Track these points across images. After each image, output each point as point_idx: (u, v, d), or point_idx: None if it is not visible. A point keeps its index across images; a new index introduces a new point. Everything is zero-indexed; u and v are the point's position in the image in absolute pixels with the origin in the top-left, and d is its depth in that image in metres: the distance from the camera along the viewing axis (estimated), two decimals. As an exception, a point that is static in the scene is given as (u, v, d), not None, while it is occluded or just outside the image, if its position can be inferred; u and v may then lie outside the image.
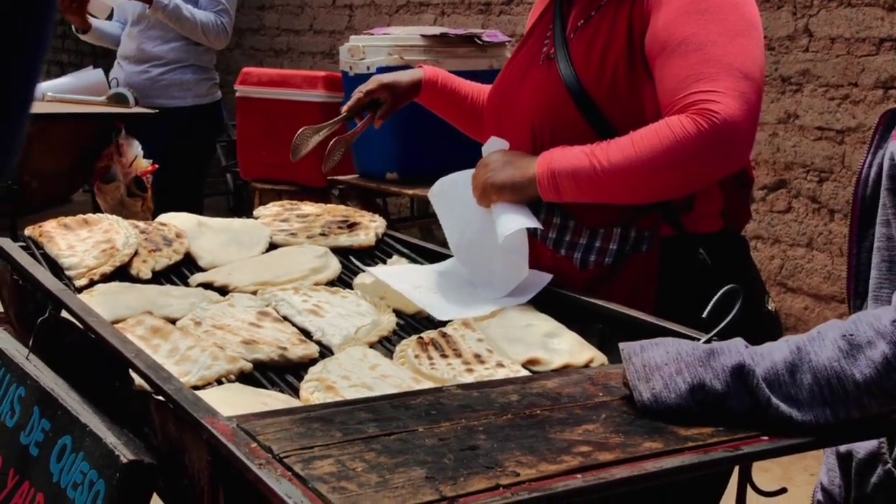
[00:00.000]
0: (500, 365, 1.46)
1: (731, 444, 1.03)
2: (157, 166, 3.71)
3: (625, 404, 1.14)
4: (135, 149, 3.61)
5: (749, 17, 1.66)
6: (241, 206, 6.25)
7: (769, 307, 1.86)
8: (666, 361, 1.12)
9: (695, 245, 1.74)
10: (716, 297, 1.39)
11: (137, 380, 1.25)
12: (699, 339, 1.36)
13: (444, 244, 2.09)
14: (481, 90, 2.11)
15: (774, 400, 1.07)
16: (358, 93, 2.04)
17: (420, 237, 5.16)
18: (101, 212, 2.37)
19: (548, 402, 1.14)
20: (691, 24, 1.62)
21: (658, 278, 1.72)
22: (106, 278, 1.76)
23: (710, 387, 1.08)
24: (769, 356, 1.11)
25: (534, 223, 1.71)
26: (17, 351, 1.49)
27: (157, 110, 4.01)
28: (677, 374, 1.10)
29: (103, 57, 6.62)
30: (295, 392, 1.40)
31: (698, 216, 1.74)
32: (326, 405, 1.12)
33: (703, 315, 1.37)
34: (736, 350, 1.11)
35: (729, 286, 1.39)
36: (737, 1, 1.65)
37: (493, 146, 1.80)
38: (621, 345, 1.21)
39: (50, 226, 1.91)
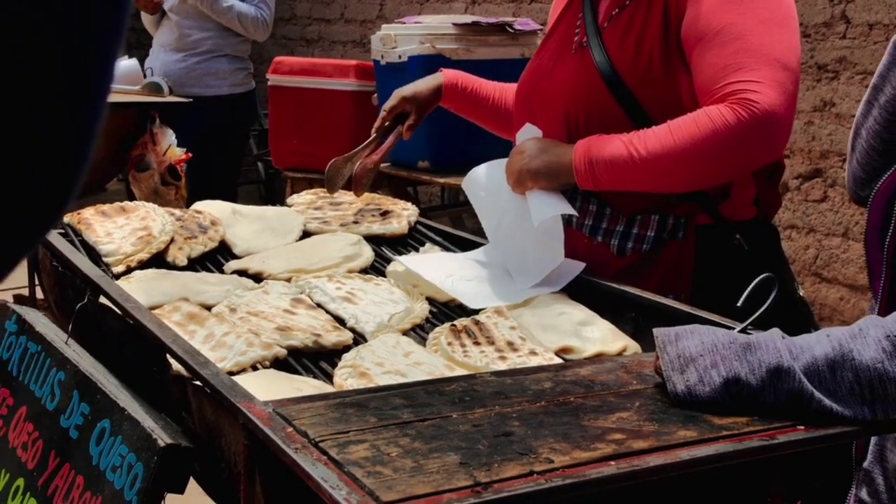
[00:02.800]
0: (533, 353, 1.46)
1: (767, 433, 1.03)
2: (190, 155, 3.74)
3: (658, 392, 1.14)
4: (169, 137, 3.63)
5: (786, 6, 1.66)
6: (272, 195, 6.28)
7: (800, 293, 1.87)
8: (701, 352, 1.12)
9: (731, 232, 1.74)
10: (751, 286, 1.38)
11: (175, 365, 1.26)
12: (734, 328, 1.36)
13: (476, 232, 2.10)
14: (504, 89, 2.12)
15: (818, 394, 1.06)
16: (383, 112, 2.06)
17: (451, 225, 5.16)
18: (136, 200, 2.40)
19: (581, 390, 1.14)
20: (729, 13, 1.62)
21: (694, 265, 1.72)
22: (143, 265, 1.78)
23: (746, 381, 1.08)
24: (809, 350, 1.10)
25: (569, 210, 1.71)
26: (57, 336, 1.52)
27: (191, 99, 4.04)
28: (712, 366, 1.09)
29: (136, 47, 6.67)
30: (329, 378, 1.41)
31: (734, 204, 1.75)
32: (361, 391, 1.13)
33: (738, 304, 1.37)
34: (773, 345, 1.10)
35: (764, 275, 1.39)
36: None
37: (527, 133, 1.80)
38: (655, 331, 1.20)
39: (88, 213, 1.93)
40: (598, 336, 1.53)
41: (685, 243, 1.72)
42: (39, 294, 1.87)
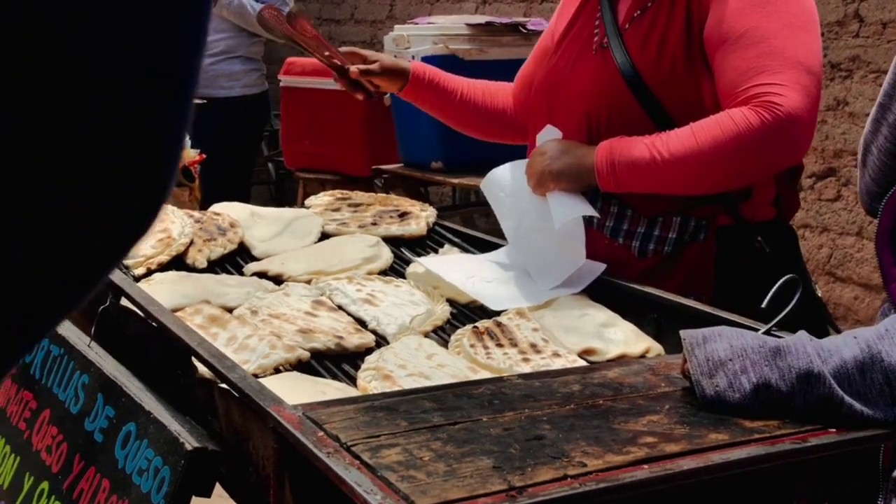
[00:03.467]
0: (557, 355, 1.46)
1: (799, 436, 1.03)
2: (204, 156, 3.74)
3: (687, 395, 1.13)
4: (183, 139, 3.63)
5: (809, 9, 1.66)
6: (283, 196, 6.28)
7: (818, 294, 1.87)
8: (730, 356, 1.11)
9: (751, 233, 1.74)
10: (775, 287, 1.38)
11: (201, 368, 1.26)
12: (758, 330, 1.35)
13: (491, 233, 2.10)
14: (472, 85, 2.11)
15: (847, 399, 1.06)
16: (347, 48, 2.07)
17: (462, 226, 5.16)
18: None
19: (610, 393, 1.14)
20: (753, 15, 1.62)
21: (715, 266, 1.72)
22: (163, 267, 1.78)
23: (776, 388, 1.07)
24: (837, 353, 1.09)
25: (590, 211, 1.71)
26: (80, 339, 1.52)
27: (205, 100, 4.05)
28: (742, 372, 1.09)
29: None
30: (352, 381, 1.40)
31: (755, 205, 1.75)
32: (390, 394, 1.12)
33: (763, 305, 1.37)
34: (803, 349, 1.10)
35: (788, 276, 1.39)
36: None
37: (548, 135, 1.80)
38: (683, 333, 1.20)
39: (107, 215, 1.93)
40: (620, 337, 1.53)
41: (706, 245, 1.72)
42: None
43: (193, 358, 1.27)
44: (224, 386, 1.19)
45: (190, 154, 3.53)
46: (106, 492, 1.28)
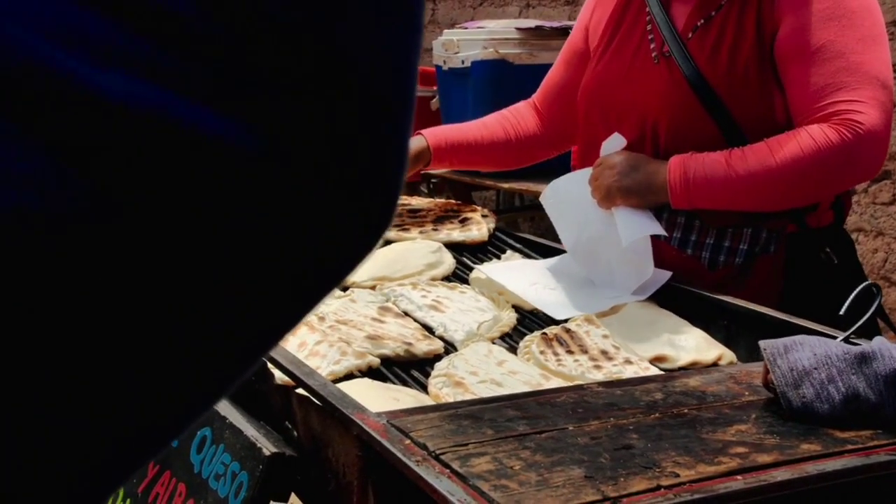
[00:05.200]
0: (629, 361, 1.45)
1: (894, 447, 1.00)
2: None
3: (773, 404, 1.12)
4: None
5: (879, 21, 1.65)
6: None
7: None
8: (815, 365, 1.09)
9: (816, 241, 1.73)
10: (854, 294, 1.36)
11: (277, 374, 1.26)
12: (835, 337, 1.33)
13: (544, 238, 2.08)
14: (484, 124, 2.06)
15: None
16: None
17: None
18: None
19: (694, 401, 1.12)
20: (828, 30, 1.61)
21: (784, 276, 1.70)
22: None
23: (865, 397, 1.05)
24: None
25: (659, 230, 1.69)
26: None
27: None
28: (829, 382, 1.07)
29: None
30: (422, 387, 1.40)
31: (819, 211, 1.73)
32: (472, 402, 1.12)
33: (841, 312, 1.35)
34: (889, 354, 1.08)
35: (866, 283, 1.37)
36: (868, 5, 1.65)
37: (613, 145, 1.77)
38: (762, 343, 1.18)
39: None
40: (692, 344, 1.51)
41: (776, 256, 1.71)
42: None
43: (269, 364, 1.27)
44: (302, 392, 1.19)
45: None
46: (182, 496, 1.29)
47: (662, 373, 1.36)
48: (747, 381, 1.19)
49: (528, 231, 5.23)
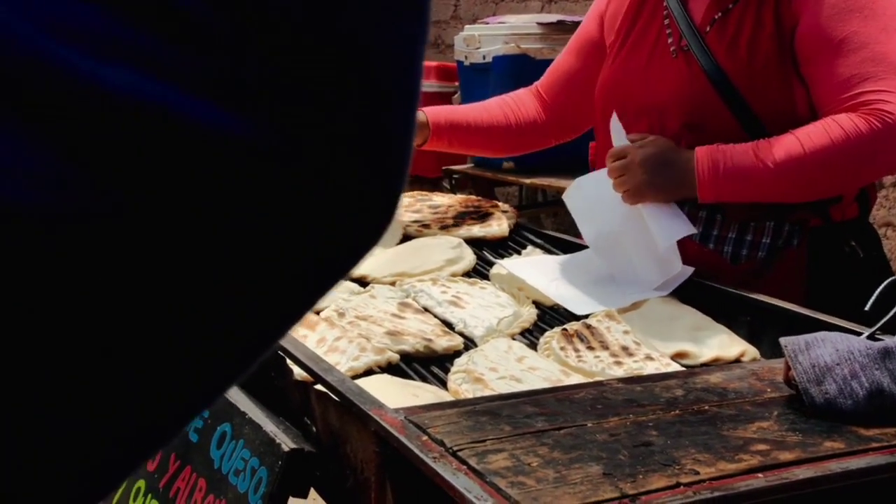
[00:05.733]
0: (650, 357, 1.43)
1: (919, 445, 0.99)
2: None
3: (795, 401, 1.10)
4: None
5: None
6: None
7: None
8: (837, 361, 1.08)
9: (841, 234, 1.71)
10: (879, 290, 1.34)
11: (296, 370, 1.26)
12: (859, 334, 1.32)
13: (566, 234, 2.07)
14: (485, 107, 2.04)
15: None
16: None
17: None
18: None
19: (715, 398, 1.11)
20: (851, 21, 1.60)
21: (808, 270, 1.68)
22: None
23: (890, 392, 1.04)
24: None
25: (691, 229, 1.66)
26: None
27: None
28: (852, 377, 1.05)
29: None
30: (442, 383, 1.40)
31: (843, 204, 1.72)
32: (490, 398, 1.11)
33: (867, 308, 1.34)
34: None
35: (893, 278, 1.35)
36: None
37: (617, 129, 1.74)
38: (783, 340, 1.17)
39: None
40: (714, 341, 1.50)
41: (800, 250, 1.69)
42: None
43: (288, 360, 1.27)
44: (321, 388, 1.19)
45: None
46: (203, 491, 1.29)
47: (683, 369, 1.34)
48: (770, 377, 1.18)
49: (551, 227, 5.21)
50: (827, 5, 1.62)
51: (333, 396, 1.14)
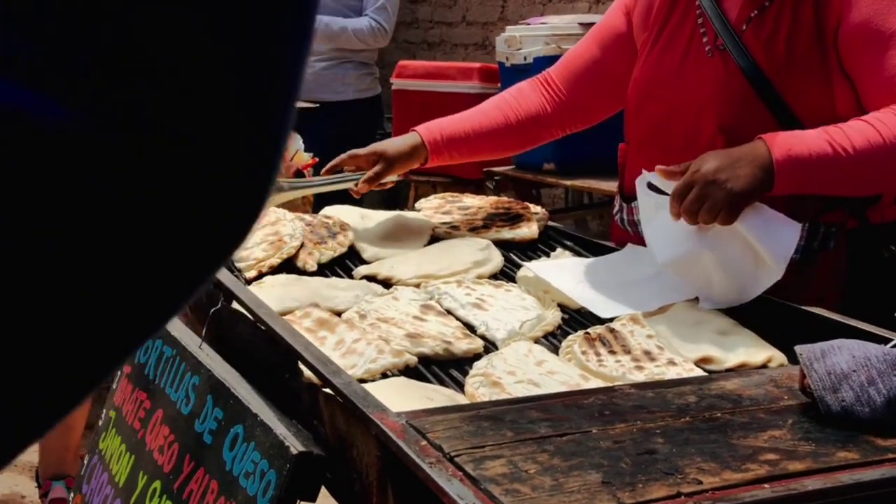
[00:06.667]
0: (672, 363, 1.40)
1: (938, 456, 0.95)
2: (317, 160, 3.78)
3: (812, 408, 1.06)
4: (296, 143, 3.67)
5: None
6: (395, 199, 6.32)
7: None
8: (854, 368, 1.04)
9: (880, 237, 1.65)
10: (910, 294, 1.30)
11: (306, 372, 1.25)
12: (892, 340, 1.27)
13: (600, 235, 2.03)
14: (482, 112, 1.99)
15: None
16: (345, 155, 1.97)
17: (574, 228, 5.08)
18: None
19: (728, 405, 1.08)
20: None
21: (846, 274, 1.63)
22: (273, 270, 1.79)
23: None
24: None
25: (798, 228, 1.52)
26: (191, 340, 1.54)
27: (317, 104, 4.09)
28: (869, 384, 1.01)
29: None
30: (460, 387, 1.38)
31: (882, 206, 1.66)
32: (496, 403, 1.09)
33: (896, 313, 1.29)
34: None
35: (924, 283, 1.30)
36: None
37: (646, 190, 1.63)
38: (798, 348, 1.13)
39: (220, 219, 1.96)
40: (740, 346, 1.46)
41: (837, 252, 1.63)
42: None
43: (299, 362, 1.26)
44: (329, 391, 1.17)
45: (303, 158, 3.57)
46: (214, 493, 1.29)
47: (703, 374, 1.31)
48: (788, 384, 1.14)
49: (597, 229, 5.15)
50: (873, 1, 1.58)
51: (339, 399, 1.12)
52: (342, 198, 2.20)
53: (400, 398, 1.27)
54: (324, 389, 1.19)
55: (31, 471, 2.69)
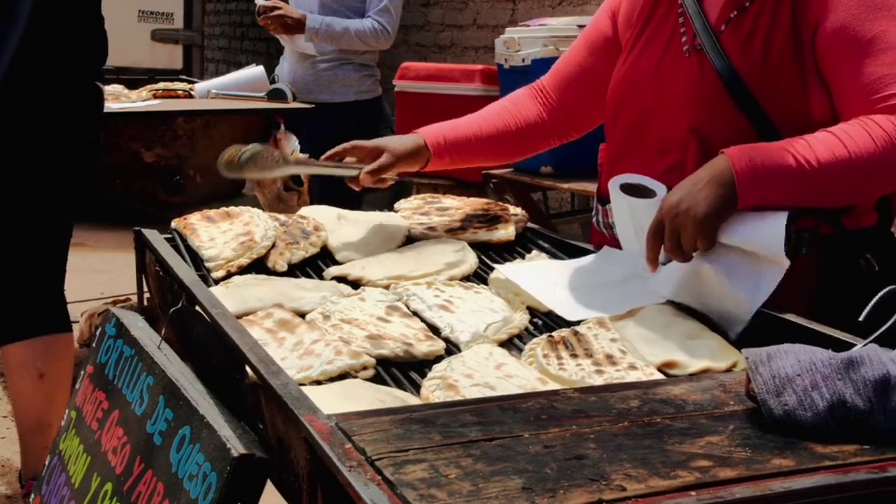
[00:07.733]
0: (633, 367, 1.37)
1: (877, 464, 0.91)
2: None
3: (756, 414, 1.03)
4: (292, 143, 3.67)
5: None
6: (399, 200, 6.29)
7: None
8: (798, 372, 1.00)
9: (855, 243, 1.61)
10: (875, 299, 1.26)
11: (250, 373, 1.23)
12: (856, 346, 1.24)
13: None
14: (482, 117, 1.98)
15: None
16: (347, 144, 1.94)
17: (580, 232, 5.04)
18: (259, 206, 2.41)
19: (671, 410, 1.05)
20: (878, 21, 1.53)
21: (819, 281, 1.59)
22: (243, 270, 1.77)
23: (852, 404, 0.96)
24: None
25: (785, 218, 1.47)
26: (151, 340, 1.52)
27: (313, 105, 4.08)
28: (813, 388, 0.98)
29: (265, 55, 6.81)
30: (417, 389, 1.35)
31: (858, 212, 1.62)
32: (431, 406, 1.07)
33: (861, 318, 1.25)
34: (877, 358, 0.98)
35: (889, 288, 1.27)
36: None
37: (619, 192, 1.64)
38: (745, 352, 1.10)
39: (194, 218, 1.94)
40: (705, 350, 1.42)
41: (809, 258, 1.58)
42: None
43: (245, 363, 1.24)
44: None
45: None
46: (160, 496, 1.27)
47: (653, 379, 1.28)
48: (737, 389, 1.11)
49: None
50: (853, 4, 1.55)
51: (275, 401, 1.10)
52: (344, 195, 2.18)
53: (349, 400, 1.24)
54: (264, 391, 1.17)
55: (16, 472, 2.69)
